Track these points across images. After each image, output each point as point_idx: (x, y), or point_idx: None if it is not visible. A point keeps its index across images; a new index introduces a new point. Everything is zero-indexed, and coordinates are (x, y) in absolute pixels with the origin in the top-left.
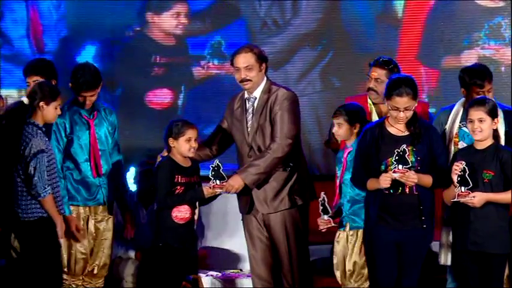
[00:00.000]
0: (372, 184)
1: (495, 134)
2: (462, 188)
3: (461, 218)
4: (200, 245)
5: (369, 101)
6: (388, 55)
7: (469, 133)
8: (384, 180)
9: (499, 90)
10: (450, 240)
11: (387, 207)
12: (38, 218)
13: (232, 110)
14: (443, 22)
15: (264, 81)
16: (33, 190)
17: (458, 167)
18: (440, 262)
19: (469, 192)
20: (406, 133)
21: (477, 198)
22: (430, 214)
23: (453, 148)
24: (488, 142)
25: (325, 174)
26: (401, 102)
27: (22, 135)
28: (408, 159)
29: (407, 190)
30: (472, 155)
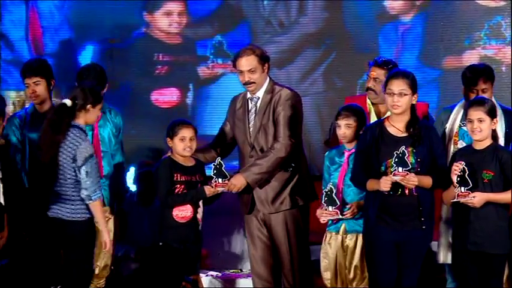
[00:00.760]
0: (372, 185)
1: (493, 134)
2: (462, 188)
3: (461, 218)
4: None
5: (368, 101)
6: (389, 55)
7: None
8: (385, 183)
9: (499, 90)
10: (449, 238)
11: (387, 207)
12: (87, 219)
13: (234, 111)
14: (443, 22)
15: (267, 81)
16: (84, 193)
17: (458, 168)
18: (439, 261)
19: (469, 192)
20: (406, 134)
21: (477, 198)
22: (430, 215)
23: (452, 147)
24: (487, 142)
25: None
26: (395, 84)
27: (69, 137)
28: (408, 161)
29: (407, 191)
30: (471, 155)
